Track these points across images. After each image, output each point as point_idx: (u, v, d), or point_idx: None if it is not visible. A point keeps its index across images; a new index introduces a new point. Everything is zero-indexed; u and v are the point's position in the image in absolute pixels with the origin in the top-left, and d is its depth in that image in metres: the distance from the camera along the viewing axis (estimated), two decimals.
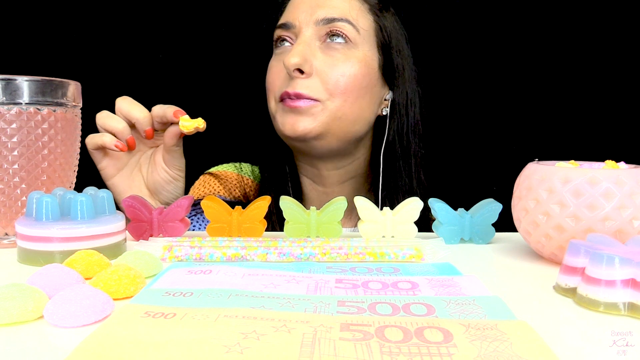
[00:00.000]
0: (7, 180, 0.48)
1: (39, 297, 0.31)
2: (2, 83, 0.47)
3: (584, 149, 0.86)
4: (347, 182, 0.73)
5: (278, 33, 0.69)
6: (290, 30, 0.67)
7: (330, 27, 0.65)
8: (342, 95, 0.64)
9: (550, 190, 0.43)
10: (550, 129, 0.91)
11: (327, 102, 0.64)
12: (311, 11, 0.65)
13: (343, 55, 0.65)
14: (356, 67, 0.65)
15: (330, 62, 0.65)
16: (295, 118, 0.64)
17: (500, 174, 0.72)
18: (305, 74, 0.63)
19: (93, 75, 0.81)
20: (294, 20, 0.66)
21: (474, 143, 0.93)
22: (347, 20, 0.65)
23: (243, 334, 0.26)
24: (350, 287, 0.36)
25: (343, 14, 0.65)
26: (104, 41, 0.90)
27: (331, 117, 0.64)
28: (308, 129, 0.64)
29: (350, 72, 0.65)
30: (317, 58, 0.64)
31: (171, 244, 0.46)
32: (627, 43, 0.89)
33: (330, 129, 0.65)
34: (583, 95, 0.90)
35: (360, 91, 0.66)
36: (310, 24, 0.65)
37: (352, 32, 0.65)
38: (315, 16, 0.65)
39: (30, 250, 0.42)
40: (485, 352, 0.25)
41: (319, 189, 0.73)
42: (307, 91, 0.63)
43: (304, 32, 0.65)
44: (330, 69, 0.64)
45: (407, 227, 0.49)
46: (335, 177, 0.72)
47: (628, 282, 0.32)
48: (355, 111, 0.66)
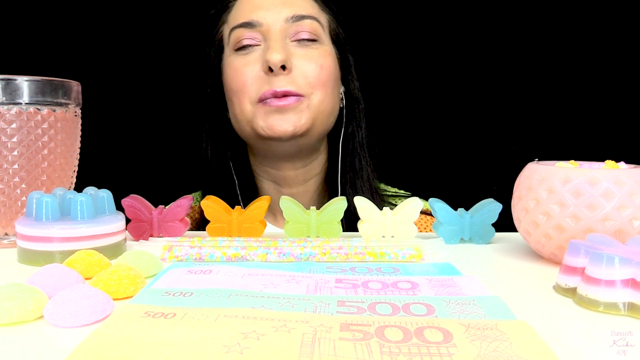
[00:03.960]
0: (7, 180, 0.48)
1: (39, 297, 0.31)
2: (2, 83, 0.47)
3: (584, 149, 0.86)
4: (311, 181, 0.73)
5: (239, 32, 0.67)
6: (255, 29, 0.66)
7: (299, 24, 0.66)
8: (322, 87, 0.66)
9: (550, 190, 0.43)
10: (550, 129, 0.91)
11: (312, 97, 0.65)
12: (277, 9, 0.66)
13: (316, 50, 0.67)
14: (328, 59, 0.67)
15: (306, 56, 0.66)
16: (282, 117, 0.63)
17: (500, 174, 0.72)
18: (287, 69, 0.64)
19: (93, 75, 0.81)
20: (259, 19, 0.66)
21: (474, 143, 0.93)
22: (314, 17, 0.67)
23: (243, 334, 0.26)
24: (350, 287, 0.36)
25: (309, 11, 0.67)
26: (104, 41, 0.90)
27: (315, 111, 0.65)
28: (297, 126, 0.64)
29: (326, 64, 0.67)
30: (292, 54, 0.65)
31: (171, 244, 0.46)
32: (627, 43, 0.89)
33: (314, 124, 0.66)
34: (583, 95, 0.90)
35: (333, 82, 0.68)
36: (279, 22, 0.65)
37: (318, 27, 0.68)
38: (284, 14, 0.66)
39: (30, 250, 0.42)
40: (485, 352, 0.25)
41: (284, 191, 0.73)
42: (294, 87, 0.63)
43: (274, 30, 0.65)
44: (307, 63, 0.65)
45: (407, 227, 0.49)
46: (300, 176, 0.72)
47: (628, 282, 0.32)
48: (332, 104, 0.68)
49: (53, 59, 0.87)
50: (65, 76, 0.52)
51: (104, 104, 0.86)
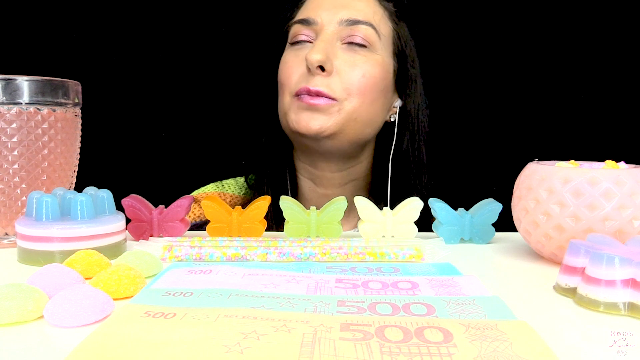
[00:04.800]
0: (7, 180, 0.48)
1: (39, 297, 0.31)
2: (2, 83, 0.47)
3: (584, 149, 0.86)
4: (347, 185, 0.72)
5: (297, 28, 0.68)
6: (311, 27, 0.66)
7: (353, 29, 0.65)
8: (360, 96, 0.64)
9: (550, 190, 0.43)
10: (550, 129, 0.91)
11: (345, 102, 0.64)
12: (335, 10, 0.66)
13: (364, 57, 0.65)
14: (376, 69, 0.65)
15: (350, 62, 0.65)
16: (311, 115, 0.63)
17: (500, 174, 0.72)
18: (326, 71, 0.63)
19: (93, 75, 0.81)
20: (316, 17, 0.66)
21: (474, 143, 0.93)
22: (370, 24, 0.66)
23: (243, 334, 0.26)
24: (350, 287, 0.36)
25: (367, 17, 0.66)
26: (104, 41, 0.90)
27: (347, 118, 0.64)
28: (323, 127, 0.63)
29: (370, 74, 0.65)
30: (337, 57, 0.64)
31: (171, 244, 0.46)
32: (627, 43, 0.89)
33: (344, 129, 0.65)
34: (583, 95, 0.90)
35: (376, 94, 0.66)
36: (333, 23, 0.65)
37: (374, 35, 0.66)
38: (339, 16, 0.65)
39: (30, 250, 0.42)
40: (485, 352, 0.25)
41: (319, 191, 0.73)
42: (327, 90, 0.63)
43: (326, 30, 0.65)
44: (350, 69, 0.64)
45: (407, 227, 0.49)
46: (337, 179, 0.71)
47: (628, 282, 0.32)
48: (370, 114, 0.66)
49: (53, 59, 0.87)
50: (65, 76, 0.52)
51: (104, 104, 0.86)
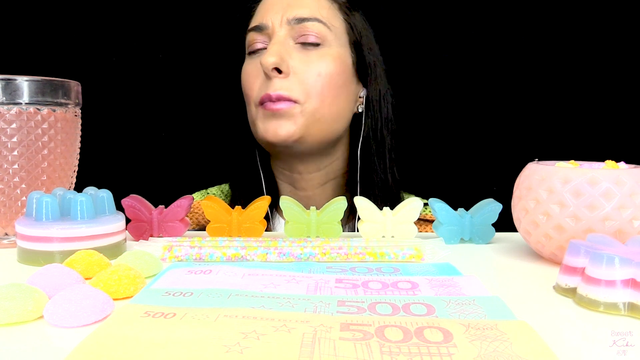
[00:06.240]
0: (7, 180, 0.48)
1: (39, 297, 0.31)
2: (2, 83, 0.47)
3: (584, 149, 0.86)
4: (328, 184, 0.72)
5: (251, 37, 0.68)
6: (263, 32, 0.66)
7: (302, 27, 0.65)
8: (319, 95, 0.64)
9: (550, 190, 0.43)
10: (550, 129, 0.91)
11: (306, 105, 0.64)
12: (282, 11, 0.65)
13: (317, 54, 0.65)
14: (331, 65, 0.65)
15: (305, 60, 0.65)
16: (277, 123, 0.63)
17: (500, 174, 0.72)
18: (283, 73, 0.63)
19: (93, 75, 0.80)
20: (267, 21, 0.66)
21: (474, 143, 0.93)
22: (317, 19, 0.66)
23: (243, 334, 0.26)
24: (350, 287, 0.36)
25: (313, 14, 0.66)
26: (104, 41, 0.90)
27: (310, 119, 0.64)
28: (290, 132, 0.63)
29: (326, 71, 0.65)
30: (292, 57, 0.64)
31: (171, 244, 0.46)
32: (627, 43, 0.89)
33: (310, 131, 0.64)
34: (583, 95, 0.90)
35: (336, 90, 0.66)
36: (283, 24, 0.65)
37: (324, 30, 0.66)
38: (287, 16, 0.65)
39: (30, 250, 0.42)
40: (485, 352, 0.25)
41: (299, 194, 0.73)
42: (287, 92, 0.63)
43: (277, 32, 0.65)
44: (306, 68, 0.64)
45: (407, 227, 0.49)
46: (316, 179, 0.71)
47: (628, 282, 0.32)
48: (334, 111, 0.66)
49: (53, 59, 0.87)
50: (65, 76, 0.52)
51: (104, 104, 0.86)
